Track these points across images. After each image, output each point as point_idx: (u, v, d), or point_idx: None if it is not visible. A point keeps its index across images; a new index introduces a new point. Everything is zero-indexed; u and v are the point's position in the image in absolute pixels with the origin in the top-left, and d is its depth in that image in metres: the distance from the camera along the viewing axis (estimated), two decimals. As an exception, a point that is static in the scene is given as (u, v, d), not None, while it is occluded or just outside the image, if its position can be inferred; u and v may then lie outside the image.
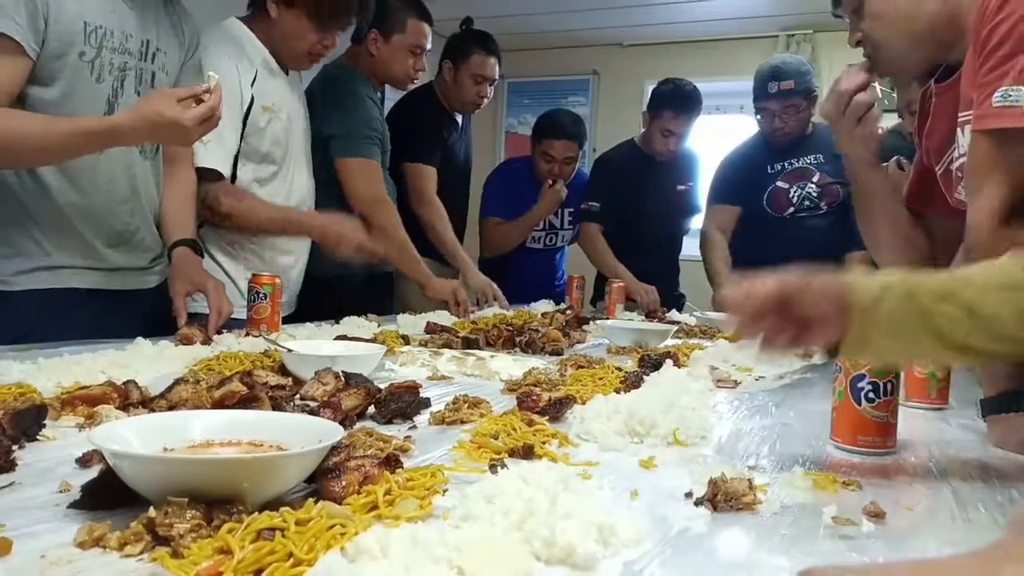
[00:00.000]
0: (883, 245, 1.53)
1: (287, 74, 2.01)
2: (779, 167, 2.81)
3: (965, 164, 1.16)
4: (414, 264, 2.37)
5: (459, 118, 2.89)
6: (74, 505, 0.61)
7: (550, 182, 3.00)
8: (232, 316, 1.64)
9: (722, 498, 0.69)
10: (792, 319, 0.79)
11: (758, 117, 2.82)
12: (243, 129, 1.88)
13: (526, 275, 3.11)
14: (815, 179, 2.76)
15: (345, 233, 1.99)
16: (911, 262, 1.49)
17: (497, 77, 2.82)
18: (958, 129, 1.23)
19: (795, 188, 2.77)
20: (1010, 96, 1.01)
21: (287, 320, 1.80)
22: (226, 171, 1.87)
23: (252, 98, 1.89)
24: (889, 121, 2.68)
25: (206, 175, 1.83)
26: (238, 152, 1.89)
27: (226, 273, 1.91)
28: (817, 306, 0.79)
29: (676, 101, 2.94)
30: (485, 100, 2.82)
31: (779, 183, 2.79)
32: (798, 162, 2.79)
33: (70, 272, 1.53)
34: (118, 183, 1.58)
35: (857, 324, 0.78)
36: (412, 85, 2.60)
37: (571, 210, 3.22)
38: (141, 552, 0.53)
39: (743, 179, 2.87)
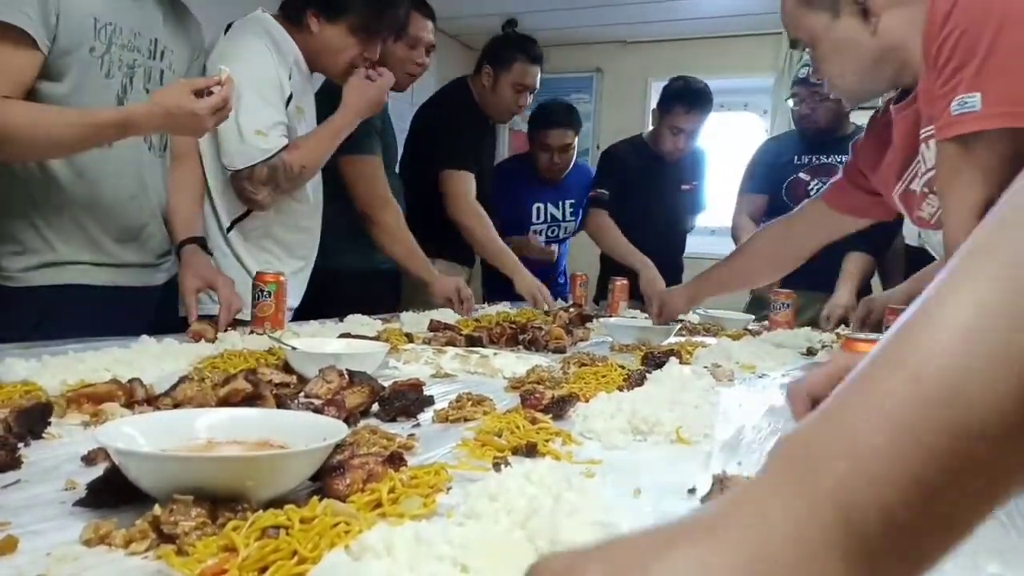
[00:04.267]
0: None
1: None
2: (807, 159, 2.79)
3: (935, 175, 1.22)
4: (421, 263, 2.35)
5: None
6: (79, 503, 0.61)
7: None
8: (240, 314, 1.65)
9: (726, 496, 0.69)
10: None
11: (791, 103, 2.82)
12: None
13: (527, 267, 3.11)
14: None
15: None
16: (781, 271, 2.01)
17: (537, 86, 2.74)
18: (922, 145, 1.31)
19: (816, 182, 2.75)
20: (966, 103, 1.07)
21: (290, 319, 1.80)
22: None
23: (291, 94, 1.88)
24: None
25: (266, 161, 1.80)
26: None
27: (244, 267, 1.91)
28: None
29: (688, 98, 2.91)
30: (522, 109, 2.76)
31: (801, 174, 2.78)
32: (827, 158, 2.76)
33: (77, 268, 1.54)
34: (126, 178, 1.59)
35: None
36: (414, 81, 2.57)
37: (572, 201, 3.21)
38: (146, 550, 0.53)
39: (771, 168, 2.87)
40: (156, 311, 1.68)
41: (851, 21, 1.34)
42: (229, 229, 1.91)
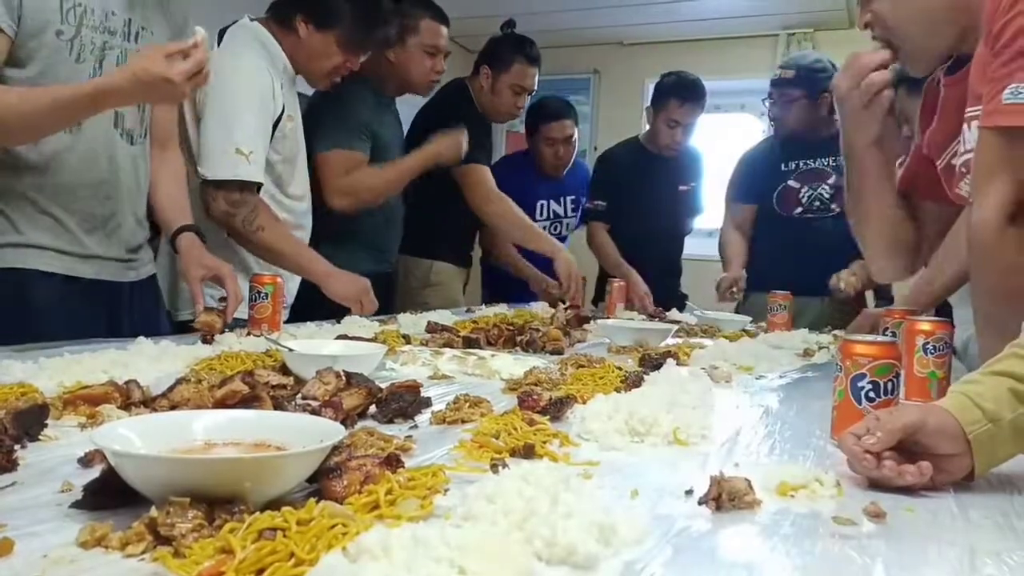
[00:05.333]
0: (870, 230, 1.52)
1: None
2: (793, 165, 2.78)
3: (972, 161, 1.15)
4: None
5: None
6: (76, 505, 0.61)
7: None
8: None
9: (725, 497, 0.69)
10: (911, 458, 0.78)
11: (767, 104, 2.83)
12: (272, 136, 1.87)
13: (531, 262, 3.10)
14: (830, 181, 2.73)
15: (345, 291, 1.96)
16: (896, 247, 1.52)
17: (535, 88, 2.75)
18: (964, 124, 1.22)
19: (806, 188, 2.75)
20: (1021, 93, 1.00)
21: (287, 321, 1.80)
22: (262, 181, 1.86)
23: (283, 107, 1.88)
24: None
25: (244, 187, 1.80)
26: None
27: (246, 267, 1.92)
28: (937, 447, 0.78)
29: (681, 90, 2.93)
30: (520, 111, 2.77)
31: (790, 182, 2.77)
32: (814, 163, 2.76)
33: (38, 252, 1.49)
34: (95, 163, 1.53)
35: (982, 453, 0.78)
36: (434, 88, 2.57)
37: (572, 198, 3.22)
38: (143, 552, 0.53)
39: (757, 176, 2.86)
40: (128, 311, 1.63)
41: None
42: None
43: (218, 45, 1.87)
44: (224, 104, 1.78)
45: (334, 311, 1.95)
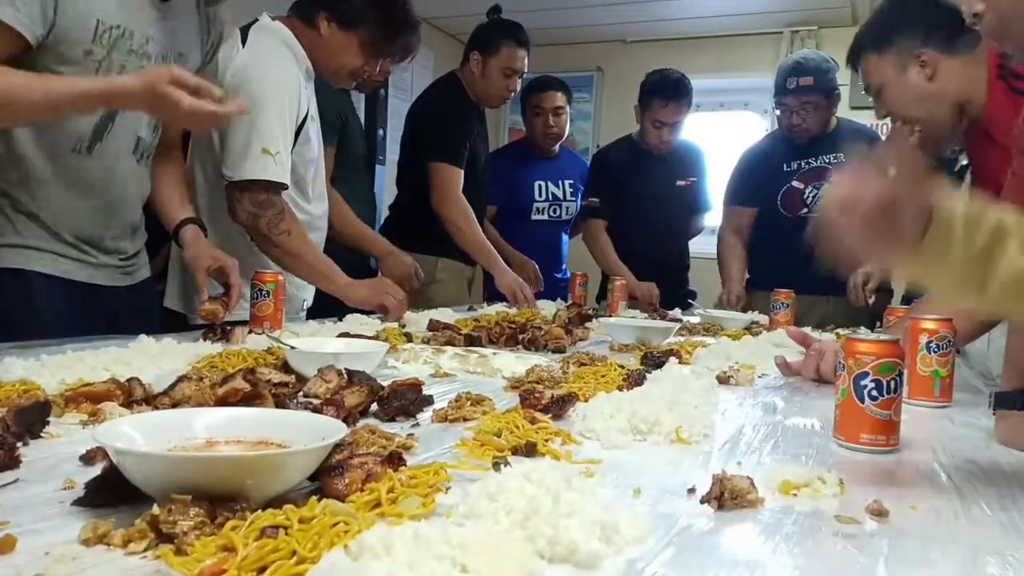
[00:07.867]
0: None
1: None
2: (795, 166, 2.77)
3: None
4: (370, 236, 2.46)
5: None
6: (78, 502, 0.61)
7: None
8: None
9: (727, 496, 0.68)
10: (883, 227, 0.78)
11: (777, 113, 2.80)
12: (295, 139, 1.87)
13: (531, 252, 3.08)
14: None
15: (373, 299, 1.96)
16: None
17: (526, 70, 2.78)
18: None
19: (810, 188, 2.73)
20: None
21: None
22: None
23: (308, 108, 1.88)
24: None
25: (270, 188, 1.79)
26: None
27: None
28: (910, 220, 0.77)
29: (664, 90, 2.94)
30: (512, 94, 2.80)
31: (794, 183, 2.76)
32: (816, 161, 2.74)
33: (37, 254, 1.49)
34: (107, 186, 1.55)
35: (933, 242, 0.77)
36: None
37: (571, 181, 3.24)
38: (145, 549, 0.53)
39: (759, 178, 2.84)
40: (126, 313, 1.65)
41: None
42: None
43: (242, 44, 1.84)
44: (251, 105, 1.76)
45: (337, 309, 1.95)
